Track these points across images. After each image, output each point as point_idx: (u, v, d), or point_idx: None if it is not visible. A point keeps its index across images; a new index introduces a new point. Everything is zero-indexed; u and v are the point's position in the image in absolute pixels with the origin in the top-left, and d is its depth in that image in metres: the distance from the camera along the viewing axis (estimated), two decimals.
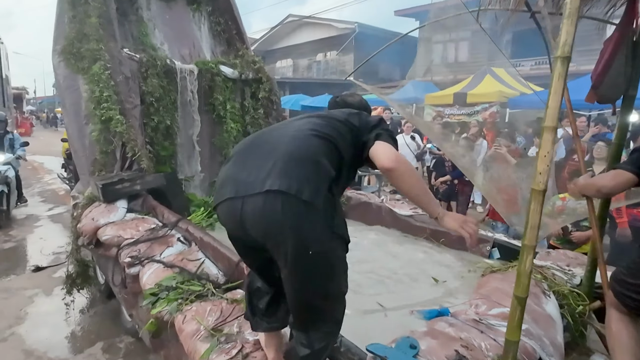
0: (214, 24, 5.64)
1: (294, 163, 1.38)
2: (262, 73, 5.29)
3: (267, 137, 1.58)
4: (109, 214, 3.28)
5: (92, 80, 4.06)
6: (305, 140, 1.47)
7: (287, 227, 1.32)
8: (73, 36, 4.27)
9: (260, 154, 1.46)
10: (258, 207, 1.34)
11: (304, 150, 1.43)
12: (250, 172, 1.40)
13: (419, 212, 3.84)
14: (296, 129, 1.54)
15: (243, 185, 1.39)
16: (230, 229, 1.53)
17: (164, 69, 4.56)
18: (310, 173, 1.37)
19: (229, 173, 1.50)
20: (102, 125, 3.97)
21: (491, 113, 8.78)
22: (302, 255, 1.34)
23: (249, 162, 1.45)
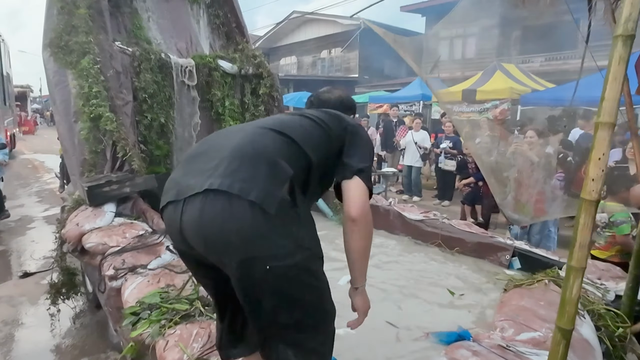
0: (212, 16, 5.36)
1: (240, 161, 1.17)
2: (262, 68, 5.02)
3: (222, 136, 1.37)
4: (95, 219, 3.03)
5: (80, 75, 3.81)
6: (260, 137, 1.26)
7: (230, 235, 1.08)
8: (61, 29, 4.02)
9: (207, 155, 1.25)
10: (195, 210, 1.13)
11: (257, 148, 1.21)
12: (194, 175, 1.19)
13: (430, 217, 3.56)
14: (255, 126, 1.33)
15: (185, 188, 1.18)
16: (174, 240, 1.30)
17: (159, 64, 4.30)
18: (261, 173, 1.14)
19: (174, 176, 1.30)
20: (92, 123, 3.71)
21: (502, 110, 8.45)
22: (254, 272, 1.09)
23: (197, 164, 1.25)
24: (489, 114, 8.72)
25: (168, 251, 2.53)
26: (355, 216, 1.27)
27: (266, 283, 1.10)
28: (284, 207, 1.11)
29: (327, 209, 4.32)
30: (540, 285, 2.30)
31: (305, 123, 1.35)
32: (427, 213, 3.62)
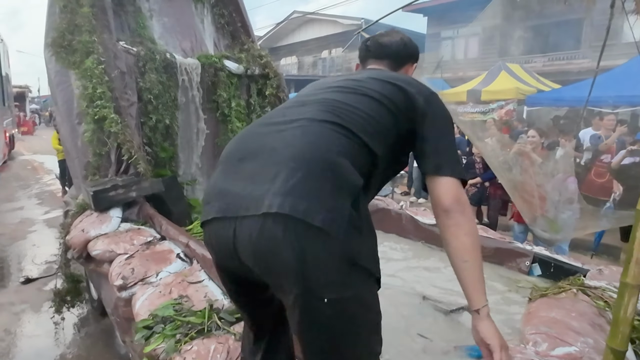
0: (217, 16, 5.26)
1: (302, 171, 0.98)
2: (269, 68, 4.92)
3: (266, 133, 1.12)
4: (100, 225, 2.93)
5: (84, 75, 3.71)
6: (320, 136, 1.05)
7: (290, 266, 0.94)
8: (64, 27, 3.92)
9: (257, 157, 1.06)
10: (254, 234, 0.97)
11: (318, 152, 1.02)
12: (245, 185, 1.03)
13: None
14: (308, 118, 1.09)
15: (235, 202, 1.02)
16: (219, 256, 1.14)
17: (164, 64, 4.20)
18: (327, 186, 0.98)
19: (219, 184, 1.12)
20: (95, 125, 3.62)
21: (507, 111, 8.39)
22: (313, 306, 0.96)
23: (244, 170, 1.07)
24: (494, 115, 8.64)
25: (179, 259, 2.43)
26: (447, 205, 1.11)
27: (323, 316, 0.97)
28: (349, 227, 0.97)
29: None
30: (569, 295, 2.21)
31: (366, 106, 1.12)
32: None
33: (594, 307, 2.08)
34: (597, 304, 2.10)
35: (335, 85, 1.20)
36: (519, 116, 8.15)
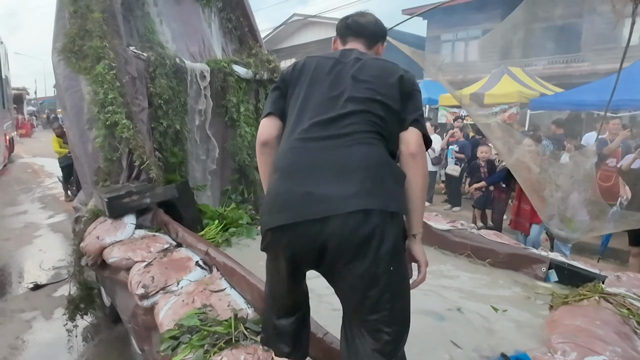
0: (224, 20, 5.27)
1: (371, 178, 1.31)
2: (277, 73, 4.91)
3: (319, 149, 1.37)
4: (115, 232, 2.91)
5: (95, 80, 3.70)
6: (370, 147, 1.37)
7: (372, 240, 1.26)
8: (74, 33, 3.91)
9: (326, 171, 1.32)
10: (347, 226, 1.24)
11: (375, 160, 1.35)
12: (326, 193, 1.28)
13: (457, 227, 3.47)
14: (352, 132, 1.38)
15: (320, 207, 1.27)
16: (298, 255, 1.35)
17: (174, 69, 4.19)
18: (389, 180, 1.35)
19: (290, 194, 1.32)
20: (107, 131, 3.60)
21: (510, 115, 8.42)
22: (383, 268, 1.27)
23: (317, 181, 1.31)
24: (497, 118, 8.66)
25: (198, 267, 2.41)
26: (414, 151, 1.41)
27: (388, 279, 1.28)
28: (404, 205, 1.39)
29: None
30: (591, 303, 2.21)
31: (384, 112, 1.42)
32: (454, 222, 3.52)
33: (618, 315, 2.08)
34: (620, 312, 2.10)
35: (353, 96, 1.43)
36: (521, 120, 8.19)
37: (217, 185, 4.65)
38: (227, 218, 3.91)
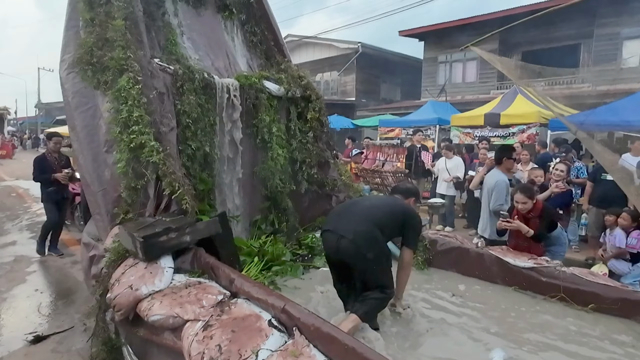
0: (248, 34, 4.85)
1: (361, 226, 2.61)
2: (310, 90, 4.50)
3: (353, 209, 2.79)
4: (152, 279, 2.37)
5: (117, 96, 3.20)
6: (365, 223, 2.63)
7: (358, 254, 2.55)
8: (92, 42, 3.41)
9: (347, 215, 2.73)
10: (346, 242, 2.56)
11: (368, 221, 2.65)
12: (345, 224, 2.65)
13: (542, 263, 3.02)
14: (363, 214, 2.71)
15: (339, 228, 2.63)
16: (330, 253, 2.73)
17: (202, 84, 3.73)
18: (370, 233, 2.60)
19: (335, 218, 2.78)
20: (131, 154, 3.08)
21: (530, 135, 8.16)
22: (368, 264, 2.56)
23: (342, 218, 2.72)
24: (514, 139, 8.39)
25: (274, 329, 1.88)
26: (407, 261, 2.79)
27: (369, 267, 2.57)
28: (371, 245, 2.57)
29: None
30: None
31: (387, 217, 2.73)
32: (536, 259, 3.07)
33: None
34: None
35: (378, 204, 2.89)
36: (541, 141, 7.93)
37: (246, 214, 4.13)
38: (267, 254, 3.38)
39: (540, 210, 3.40)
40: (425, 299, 3.04)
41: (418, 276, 3.38)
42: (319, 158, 4.40)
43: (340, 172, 4.45)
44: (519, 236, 3.45)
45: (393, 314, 2.76)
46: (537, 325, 2.56)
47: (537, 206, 3.40)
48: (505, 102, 9.12)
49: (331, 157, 4.50)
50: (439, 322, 2.69)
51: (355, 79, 19.99)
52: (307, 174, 4.34)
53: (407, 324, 2.66)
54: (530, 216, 3.39)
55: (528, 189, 3.49)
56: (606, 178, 5.56)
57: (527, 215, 3.40)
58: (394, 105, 17.87)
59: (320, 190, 4.40)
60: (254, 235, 4.00)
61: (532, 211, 3.38)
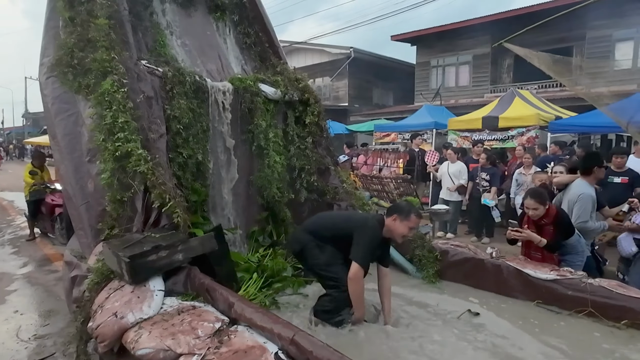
0: (241, 35, 4.62)
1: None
2: (308, 93, 4.27)
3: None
4: (140, 304, 2.09)
5: (100, 101, 2.94)
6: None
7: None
8: (72, 43, 3.16)
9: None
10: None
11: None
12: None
13: (566, 275, 2.79)
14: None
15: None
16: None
17: (194, 87, 3.47)
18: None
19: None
20: (116, 164, 2.82)
21: (529, 138, 8.00)
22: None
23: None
24: (514, 142, 8.23)
25: None
26: (351, 276, 2.53)
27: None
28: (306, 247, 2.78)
29: (409, 264, 3.49)
30: None
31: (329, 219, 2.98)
32: (558, 271, 2.85)
33: None
34: None
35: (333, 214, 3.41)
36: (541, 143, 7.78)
37: (243, 226, 3.86)
38: (267, 269, 3.11)
39: (554, 216, 3.15)
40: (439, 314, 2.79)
41: (429, 291, 3.13)
42: (318, 164, 4.16)
43: (342, 179, 4.20)
44: (530, 246, 3.22)
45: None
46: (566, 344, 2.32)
47: (550, 212, 3.15)
48: (503, 105, 8.97)
49: (331, 164, 4.25)
50: (454, 343, 2.44)
51: (347, 84, 19.84)
52: (307, 182, 4.09)
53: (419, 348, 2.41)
54: (543, 223, 3.15)
55: (539, 194, 3.22)
56: (613, 181, 5.41)
57: (539, 222, 3.16)
58: (388, 110, 17.74)
59: (321, 199, 4.15)
60: (251, 249, 3.73)
61: (545, 217, 3.14)
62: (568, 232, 3.17)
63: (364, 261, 2.53)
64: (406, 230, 2.63)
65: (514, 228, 3.19)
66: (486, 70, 15.99)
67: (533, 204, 3.09)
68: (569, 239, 3.20)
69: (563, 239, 3.12)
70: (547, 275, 2.79)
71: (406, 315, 2.79)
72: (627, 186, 5.30)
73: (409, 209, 2.70)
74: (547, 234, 3.09)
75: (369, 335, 2.48)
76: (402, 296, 3.08)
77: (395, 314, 2.72)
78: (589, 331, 2.46)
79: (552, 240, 3.07)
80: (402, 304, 2.95)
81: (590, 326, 2.51)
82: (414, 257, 3.48)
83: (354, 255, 2.53)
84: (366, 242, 2.57)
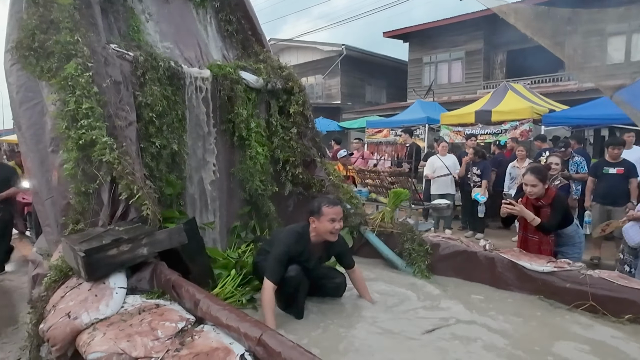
0: (223, 22, 4.40)
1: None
2: (293, 82, 4.07)
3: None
4: (97, 303, 1.88)
5: (63, 86, 2.72)
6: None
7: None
8: (34, 25, 2.93)
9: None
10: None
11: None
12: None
13: (564, 267, 2.61)
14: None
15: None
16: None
17: (168, 73, 3.26)
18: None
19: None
20: (80, 153, 2.60)
21: (523, 131, 7.86)
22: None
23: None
24: (507, 136, 8.10)
25: None
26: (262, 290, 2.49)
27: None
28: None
29: (398, 259, 3.30)
30: None
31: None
32: (555, 262, 2.67)
33: None
34: None
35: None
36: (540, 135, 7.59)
37: (223, 221, 3.65)
38: (247, 266, 2.91)
39: (552, 198, 2.97)
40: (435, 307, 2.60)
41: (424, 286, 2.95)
42: (303, 156, 3.96)
43: (329, 172, 4.00)
44: (527, 227, 3.02)
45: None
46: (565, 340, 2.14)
47: (549, 193, 2.96)
48: (496, 99, 8.83)
49: (317, 155, 4.06)
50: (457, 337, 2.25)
51: (340, 82, 19.65)
52: (291, 175, 3.89)
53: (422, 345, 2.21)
54: (541, 204, 2.94)
55: (540, 170, 3.01)
56: (608, 172, 5.27)
57: (536, 203, 2.96)
58: (381, 107, 17.58)
59: (307, 192, 3.95)
60: (232, 245, 3.53)
61: (543, 199, 2.96)
62: (565, 218, 2.98)
63: (271, 275, 2.42)
64: (329, 226, 2.49)
65: (507, 200, 3.00)
66: (479, 67, 15.89)
67: (532, 179, 2.90)
68: (566, 229, 3.02)
69: (558, 222, 2.91)
70: (543, 268, 2.62)
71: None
72: (622, 177, 5.17)
73: (318, 204, 2.56)
74: (544, 217, 2.88)
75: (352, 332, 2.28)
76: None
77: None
78: (591, 326, 2.29)
79: (547, 221, 2.88)
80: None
81: (591, 321, 2.33)
82: (403, 252, 3.29)
83: (265, 271, 2.48)
84: (274, 255, 2.50)
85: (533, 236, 3.00)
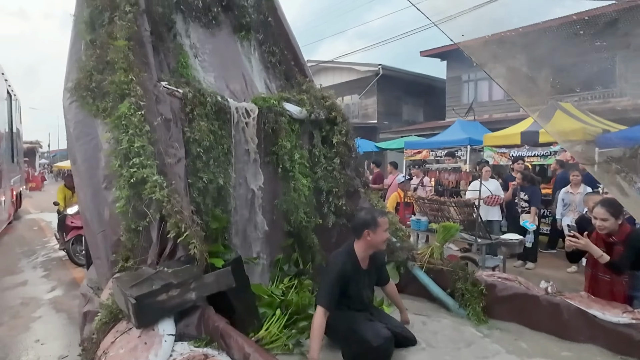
0: (266, 54, 4.47)
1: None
2: (336, 111, 4.03)
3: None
4: (146, 353, 1.86)
5: (117, 125, 2.80)
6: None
7: None
8: (91, 66, 3.07)
9: None
10: None
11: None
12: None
13: None
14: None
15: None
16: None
17: (215, 108, 3.31)
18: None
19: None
20: (131, 191, 2.65)
21: None
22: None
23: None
24: (556, 158, 7.67)
25: None
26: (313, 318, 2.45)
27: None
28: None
29: (450, 299, 3.12)
30: None
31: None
32: (633, 313, 2.41)
33: None
34: None
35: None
36: None
37: (267, 254, 3.61)
38: (292, 304, 2.83)
39: (627, 234, 2.69)
40: None
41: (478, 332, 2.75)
42: (347, 187, 3.88)
43: (372, 202, 3.89)
44: (597, 264, 2.76)
45: None
46: None
47: (622, 229, 2.70)
48: (543, 119, 8.42)
49: (361, 186, 3.97)
50: None
51: (376, 101, 19.60)
52: (335, 206, 3.82)
53: None
54: (613, 241, 2.69)
55: (612, 203, 2.75)
56: None
57: (607, 239, 2.72)
58: (418, 127, 17.31)
59: (350, 224, 3.85)
60: (275, 278, 3.47)
61: (616, 235, 2.69)
62: None
63: (322, 300, 2.46)
64: (385, 235, 2.64)
65: (572, 233, 2.77)
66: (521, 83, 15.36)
67: (603, 213, 2.68)
68: None
69: (632, 262, 2.64)
70: (618, 318, 2.36)
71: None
72: None
73: (372, 216, 2.64)
74: (616, 255, 2.63)
75: None
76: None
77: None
78: None
79: (619, 259, 2.60)
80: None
81: None
82: (455, 291, 3.11)
83: (317, 297, 2.55)
84: (325, 281, 2.55)
85: (604, 275, 2.74)
